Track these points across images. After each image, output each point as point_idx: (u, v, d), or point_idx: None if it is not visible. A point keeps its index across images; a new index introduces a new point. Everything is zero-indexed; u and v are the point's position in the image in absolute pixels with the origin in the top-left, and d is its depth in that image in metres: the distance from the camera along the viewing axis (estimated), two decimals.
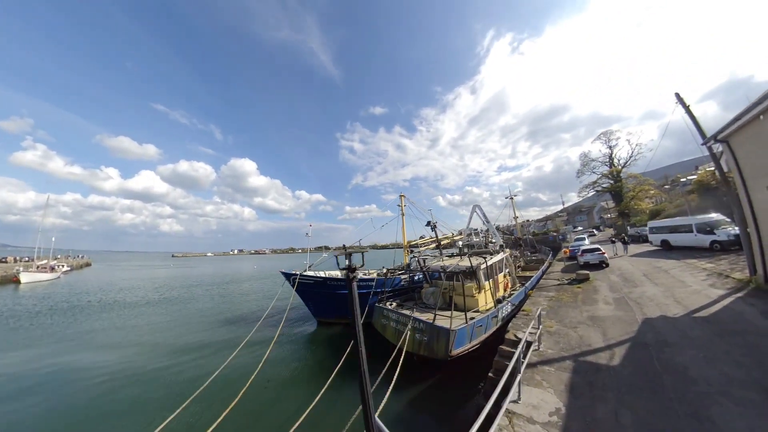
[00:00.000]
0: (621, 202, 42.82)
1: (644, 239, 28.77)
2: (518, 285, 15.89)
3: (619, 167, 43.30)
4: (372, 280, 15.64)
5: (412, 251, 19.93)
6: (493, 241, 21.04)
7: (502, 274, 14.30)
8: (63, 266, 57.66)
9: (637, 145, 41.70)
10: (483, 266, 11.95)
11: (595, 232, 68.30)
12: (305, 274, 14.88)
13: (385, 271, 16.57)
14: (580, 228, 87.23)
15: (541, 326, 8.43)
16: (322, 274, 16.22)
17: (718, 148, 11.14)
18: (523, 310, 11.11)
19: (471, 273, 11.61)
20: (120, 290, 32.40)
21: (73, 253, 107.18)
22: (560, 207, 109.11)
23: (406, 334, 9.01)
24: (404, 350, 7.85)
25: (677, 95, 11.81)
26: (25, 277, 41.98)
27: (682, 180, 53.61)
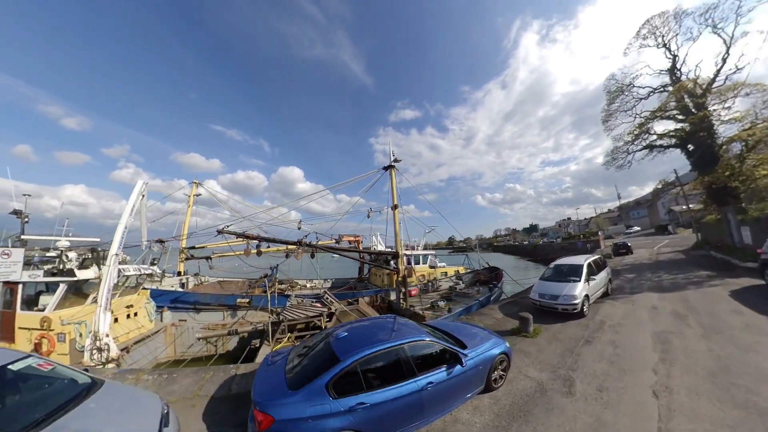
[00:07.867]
0: (713, 167, 17.48)
1: None
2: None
3: (698, 85, 18.23)
4: None
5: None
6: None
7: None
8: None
9: (739, 36, 16.62)
10: None
11: (672, 231, 40.82)
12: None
13: None
14: (637, 228, 57.43)
15: None
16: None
17: None
18: None
19: None
20: None
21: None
22: (617, 203, 79.14)
23: None
24: None
25: None
26: None
27: None
